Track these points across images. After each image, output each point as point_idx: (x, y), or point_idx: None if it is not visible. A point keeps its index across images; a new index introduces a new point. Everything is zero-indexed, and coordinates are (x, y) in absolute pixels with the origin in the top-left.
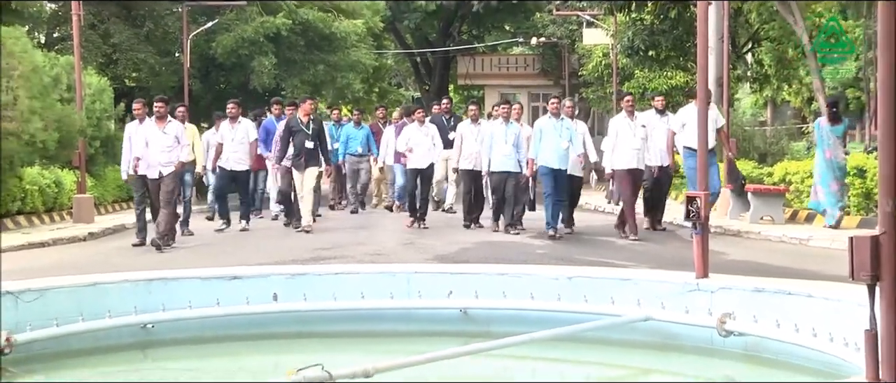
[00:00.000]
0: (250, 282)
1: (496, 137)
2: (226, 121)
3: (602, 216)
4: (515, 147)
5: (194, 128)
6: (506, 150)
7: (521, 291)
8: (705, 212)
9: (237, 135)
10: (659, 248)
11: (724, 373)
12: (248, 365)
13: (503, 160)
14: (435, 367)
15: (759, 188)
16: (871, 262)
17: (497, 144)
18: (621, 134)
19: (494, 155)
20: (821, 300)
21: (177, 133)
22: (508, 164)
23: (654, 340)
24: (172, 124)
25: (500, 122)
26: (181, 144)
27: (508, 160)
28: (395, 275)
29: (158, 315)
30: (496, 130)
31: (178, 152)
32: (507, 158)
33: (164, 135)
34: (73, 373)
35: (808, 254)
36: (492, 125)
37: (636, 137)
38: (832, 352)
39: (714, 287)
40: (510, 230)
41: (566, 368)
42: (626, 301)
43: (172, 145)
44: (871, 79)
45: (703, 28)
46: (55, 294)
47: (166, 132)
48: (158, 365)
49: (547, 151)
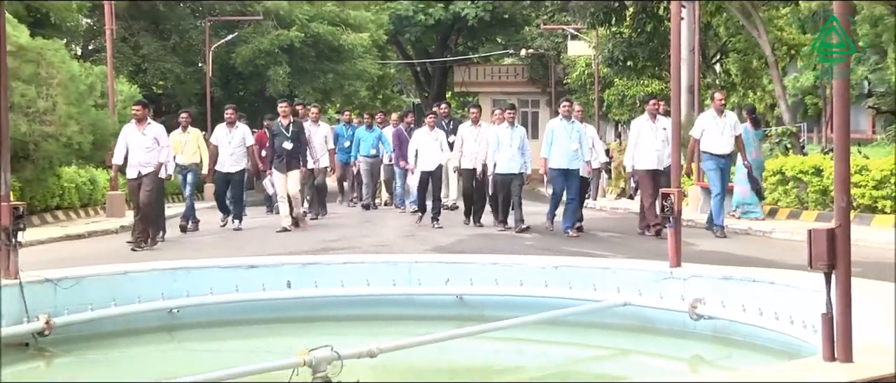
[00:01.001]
0: (266, 271)
1: (502, 140)
2: (223, 125)
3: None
4: (520, 150)
5: (198, 131)
6: (511, 153)
7: (512, 279)
8: (678, 207)
9: (234, 139)
10: (637, 241)
11: (695, 354)
12: (265, 346)
13: (509, 162)
14: (433, 348)
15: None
16: (828, 253)
17: (503, 147)
18: (643, 135)
19: (500, 157)
20: (782, 287)
21: (156, 135)
22: (514, 166)
23: (632, 323)
24: (152, 126)
25: (505, 126)
26: (161, 146)
27: (514, 162)
28: (397, 265)
29: (183, 300)
30: (502, 133)
31: (158, 154)
32: (512, 160)
33: (144, 137)
34: (106, 354)
35: (771, 245)
36: (498, 128)
37: (657, 140)
38: (792, 334)
39: (686, 275)
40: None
41: (552, 349)
42: (606, 288)
43: (151, 146)
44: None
45: (676, 40)
46: (90, 281)
47: (145, 134)
48: (183, 346)
49: (558, 153)
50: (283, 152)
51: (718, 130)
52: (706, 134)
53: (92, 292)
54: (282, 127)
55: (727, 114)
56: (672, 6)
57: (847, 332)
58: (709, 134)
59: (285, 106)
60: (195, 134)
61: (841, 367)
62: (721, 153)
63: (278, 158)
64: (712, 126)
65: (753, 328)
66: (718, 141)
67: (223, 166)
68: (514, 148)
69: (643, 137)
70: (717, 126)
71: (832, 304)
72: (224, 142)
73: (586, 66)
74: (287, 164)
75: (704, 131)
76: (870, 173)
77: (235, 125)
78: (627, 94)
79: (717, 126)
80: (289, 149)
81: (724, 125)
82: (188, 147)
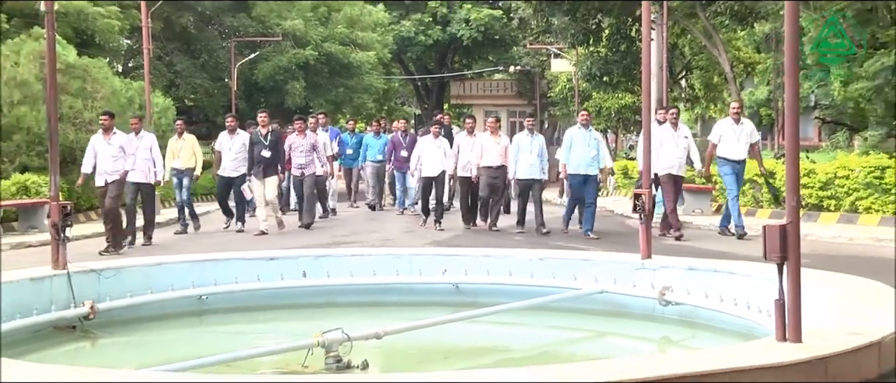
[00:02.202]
0: (284, 262)
1: (522, 148)
2: (225, 132)
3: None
4: (539, 156)
5: (194, 138)
6: (531, 159)
7: (502, 270)
8: (649, 205)
9: (234, 145)
10: (613, 236)
11: (664, 335)
12: (283, 329)
13: (528, 168)
14: (432, 331)
15: (691, 187)
16: (780, 246)
17: (523, 154)
18: (665, 143)
19: (520, 163)
20: (741, 276)
21: (121, 144)
22: (533, 172)
23: (608, 309)
24: (117, 136)
25: (526, 134)
26: (126, 155)
27: (533, 168)
28: (400, 257)
29: (211, 288)
30: (522, 141)
31: (123, 162)
32: (531, 166)
33: (109, 146)
34: (143, 336)
35: (731, 239)
36: (518, 137)
37: (679, 147)
38: (749, 318)
39: (656, 266)
40: (541, 228)
41: (537, 332)
42: (585, 277)
43: (117, 155)
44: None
45: (647, 59)
46: (129, 271)
47: (111, 143)
48: (211, 329)
49: (577, 159)
50: (261, 160)
51: (735, 137)
52: (723, 140)
53: (130, 281)
54: (260, 136)
55: (744, 121)
56: (643, 29)
57: (797, 316)
58: (725, 140)
59: (264, 116)
60: (190, 140)
61: (791, 347)
62: (736, 158)
63: (257, 166)
64: (729, 133)
65: (715, 313)
66: (734, 147)
67: (224, 171)
68: (533, 155)
69: (665, 146)
70: (733, 133)
71: (784, 291)
72: (226, 149)
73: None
74: (264, 172)
75: (722, 137)
76: (816, 176)
77: (236, 132)
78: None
79: (734, 133)
80: (267, 158)
81: (740, 132)
82: (184, 152)
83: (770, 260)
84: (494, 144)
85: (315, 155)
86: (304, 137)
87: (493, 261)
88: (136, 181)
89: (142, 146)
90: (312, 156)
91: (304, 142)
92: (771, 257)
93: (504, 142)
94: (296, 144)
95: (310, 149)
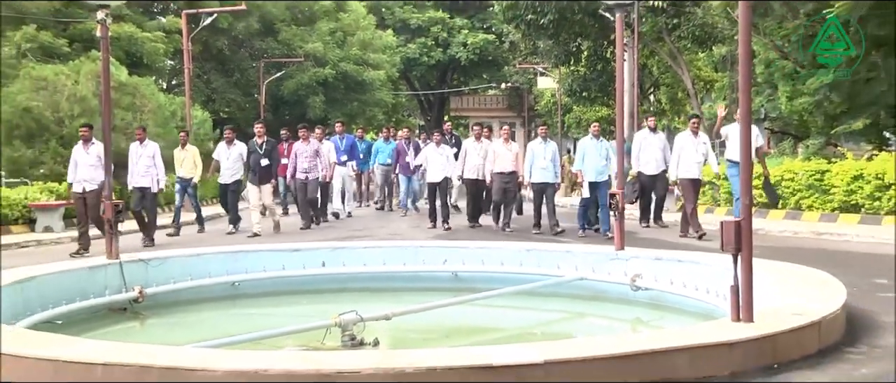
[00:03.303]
0: (306, 254)
1: (536, 154)
2: (223, 143)
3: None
4: (552, 162)
5: (195, 149)
6: (544, 164)
7: (495, 260)
8: (621, 204)
9: (231, 154)
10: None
11: (635, 316)
12: (305, 311)
13: (542, 173)
14: (435, 313)
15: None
16: (735, 239)
17: (537, 160)
18: (686, 149)
19: (535, 168)
20: (702, 265)
21: (99, 153)
22: (547, 176)
23: (587, 294)
24: (95, 146)
25: (539, 141)
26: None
27: (546, 172)
28: (406, 249)
29: (243, 276)
30: (536, 148)
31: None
32: (545, 171)
33: (87, 155)
34: (184, 317)
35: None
36: (532, 144)
37: (698, 153)
38: (708, 301)
39: (628, 256)
40: (555, 228)
41: (525, 313)
42: (567, 267)
43: (94, 164)
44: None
45: (620, 76)
46: (172, 261)
47: (89, 153)
48: (243, 311)
49: (590, 167)
50: (257, 168)
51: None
52: (730, 144)
53: (173, 269)
54: (257, 145)
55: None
56: (617, 51)
57: (749, 300)
58: (732, 144)
59: (260, 127)
60: (193, 151)
61: (744, 326)
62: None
63: (253, 173)
64: (736, 137)
65: (679, 297)
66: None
67: (223, 178)
68: (547, 160)
69: (686, 151)
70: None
71: (738, 279)
72: (223, 158)
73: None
74: (260, 178)
75: (729, 140)
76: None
77: (233, 143)
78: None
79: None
80: (263, 165)
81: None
82: (186, 162)
83: (726, 251)
84: (507, 151)
85: (318, 160)
86: (307, 144)
87: (487, 253)
88: (139, 186)
89: (145, 154)
90: (316, 161)
91: (307, 149)
92: (727, 249)
93: (515, 150)
94: (300, 151)
95: (313, 154)
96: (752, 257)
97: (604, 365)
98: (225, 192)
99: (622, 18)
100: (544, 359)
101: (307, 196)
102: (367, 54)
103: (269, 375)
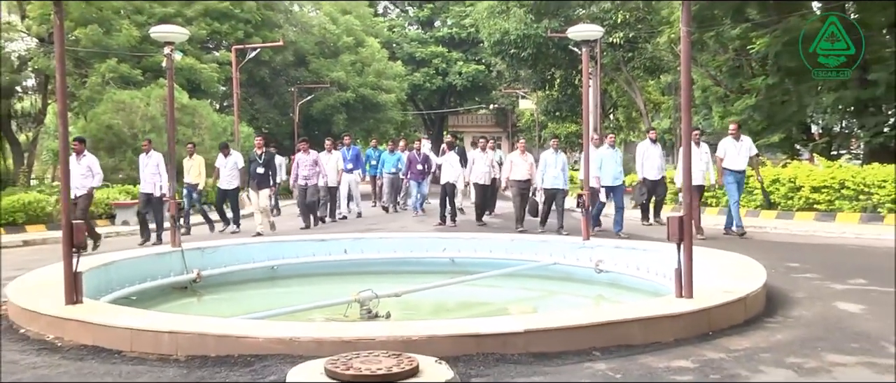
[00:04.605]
0: (332, 243)
1: (548, 163)
2: (220, 154)
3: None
4: (562, 170)
5: (201, 158)
6: (555, 172)
7: (485, 248)
8: (588, 202)
9: (228, 163)
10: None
11: (598, 294)
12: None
13: (554, 180)
14: (436, 291)
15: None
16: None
17: (549, 168)
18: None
19: (547, 176)
20: (652, 252)
21: (89, 164)
22: (558, 183)
23: (560, 276)
24: (86, 157)
25: (551, 152)
26: (93, 173)
27: (558, 180)
28: (412, 239)
29: (280, 261)
30: (549, 158)
31: (91, 180)
32: (556, 178)
33: (78, 166)
34: (232, 294)
35: (645, 227)
36: (544, 154)
37: (701, 161)
38: (658, 282)
39: (593, 245)
40: (561, 231)
41: (510, 291)
42: (544, 253)
43: (85, 173)
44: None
45: (586, 99)
46: (223, 249)
47: (80, 163)
48: (281, 289)
49: (607, 174)
50: (256, 175)
51: (736, 151)
52: (727, 154)
53: (224, 256)
54: (256, 155)
55: (743, 138)
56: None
57: (690, 280)
58: (729, 154)
59: (260, 140)
60: (198, 160)
61: (685, 302)
62: (737, 169)
63: (253, 179)
64: (731, 148)
65: (635, 278)
66: (736, 159)
67: (221, 184)
68: (557, 169)
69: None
70: (735, 148)
71: (680, 263)
72: (222, 166)
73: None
74: (259, 184)
75: (726, 152)
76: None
77: (230, 154)
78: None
79: (735, 148)
80: (261, 173)
81: (740, 147)
82: (192, 170)
83: (671, 241)
84: (523, 162)
85: (317, 169)
86: (308, 155)
87: (479, 242)
88: (147, 191)
89: (151, 163)
90: (315, 170)
91: (307, 159)
92: (672, 239)
93: (530, 160)
94: (302, 161)
95: (312, 164)
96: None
97: (572, 333)
98: (223, 197)
99: (588, 52)
100: (524, 329)
101: (307, 199)
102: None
103: (301, 342)
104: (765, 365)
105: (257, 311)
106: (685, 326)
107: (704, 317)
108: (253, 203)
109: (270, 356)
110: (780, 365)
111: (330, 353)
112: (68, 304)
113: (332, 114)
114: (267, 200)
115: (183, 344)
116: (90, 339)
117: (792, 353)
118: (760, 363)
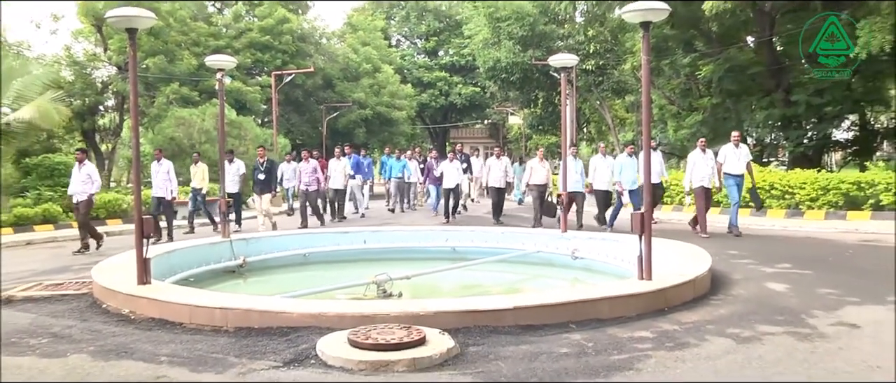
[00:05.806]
0: (353, 234)
1: (569, 168)
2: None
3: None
4: (581, 175)
5: (205, 165)
6: (574, 177)
7: (481, 239)
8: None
9: (231, 169)
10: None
11: (574, 277)
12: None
13: (574, 184)
14: (440, 275)
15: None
16: (640, 225)
17: (570, 173)
18: (697, 164)
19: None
20: (619, 243)
21: (89, 172)
22: (578, 186)
23: (542, 262)
24: (86, 166)
25: (571, 158)
26: (92, 180)
27: (577, 184)
28: (420, 231)
29: (310, 250)
30: (570, 164)
31: (90, 187)
32: (577, 183)
33: (79, 173)
34: (271, 277)
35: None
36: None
37: (707, 166)
38: (623, 268)
39: (570, 236)
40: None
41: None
42: (529, 243)
43: (85, 180)
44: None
45: (564, 115)
46: (264, 239)
47: (81, 171)
48: (312, 273)
49: (627, 179)
50: (258, 181)
51: (735, 157)
52: (726, 160)
53: (264, 245)
54: (259, 163)
55: (741, 146)
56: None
57: (649, 265)
58: (728, 160)
59: (262, 149)
60: (202, 167)
61: (646, 283)
62: (736, 173)
63: (256, 185)
64: (731, 154)
65: (604, 264)
66: (735, 164)
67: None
68: (577, 173)
69: (697, 165)
70: (734, 154)
71: (642, 251)
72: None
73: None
74: (260, 189)
75: (726, 157)
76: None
77: (233, 161)
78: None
79: (734, 154)
80: (263, 180)
81: (739, 154)
82: (198, 175)
83: (634, 232)
84: (542, 168)
85: (316, 176)
86: (308, 163)
87: (476, 234)
88: (158, 195)
89: (162, 170)
90: (316, 176)
91: (308, 167)
92: (635, 231)
93: (548, 167)
94: (303, 168)
95: (312, 171)
96: (652, 236)
97: (552, 309)
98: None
99: (565, 77)
100: (513, 306)
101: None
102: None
103: (328, 316)
104: (710, 335)
105: (292, 291)
106: (645, 303)
107: (661, 296)
108: (256, 206)
109: (303, 328)
110: (722, 334)
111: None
112: (139, 284)
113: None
114: (268, 203)
115: (232, 318)
116: (157, 313)
117: (731, 325)
118: (706, 333)
